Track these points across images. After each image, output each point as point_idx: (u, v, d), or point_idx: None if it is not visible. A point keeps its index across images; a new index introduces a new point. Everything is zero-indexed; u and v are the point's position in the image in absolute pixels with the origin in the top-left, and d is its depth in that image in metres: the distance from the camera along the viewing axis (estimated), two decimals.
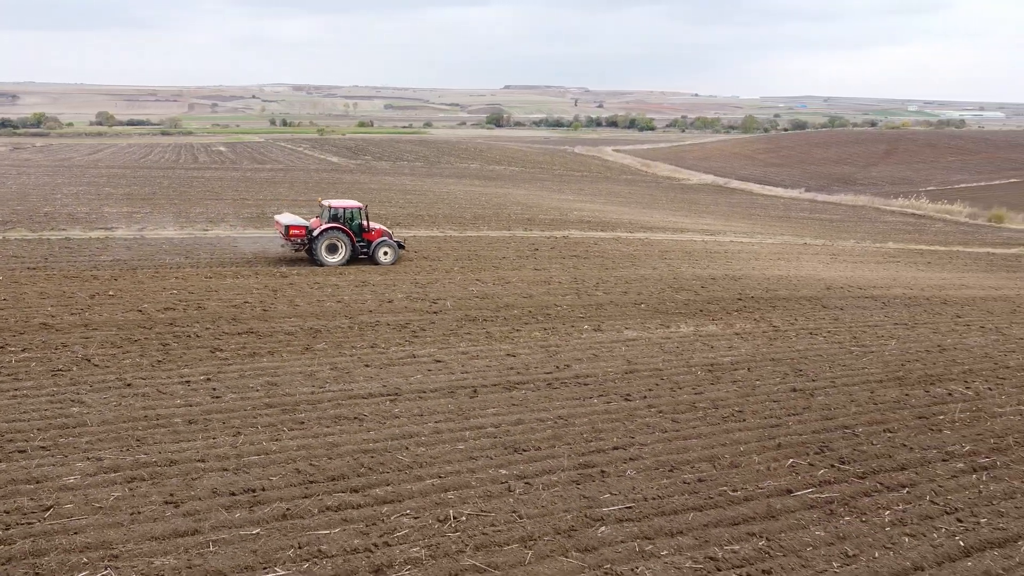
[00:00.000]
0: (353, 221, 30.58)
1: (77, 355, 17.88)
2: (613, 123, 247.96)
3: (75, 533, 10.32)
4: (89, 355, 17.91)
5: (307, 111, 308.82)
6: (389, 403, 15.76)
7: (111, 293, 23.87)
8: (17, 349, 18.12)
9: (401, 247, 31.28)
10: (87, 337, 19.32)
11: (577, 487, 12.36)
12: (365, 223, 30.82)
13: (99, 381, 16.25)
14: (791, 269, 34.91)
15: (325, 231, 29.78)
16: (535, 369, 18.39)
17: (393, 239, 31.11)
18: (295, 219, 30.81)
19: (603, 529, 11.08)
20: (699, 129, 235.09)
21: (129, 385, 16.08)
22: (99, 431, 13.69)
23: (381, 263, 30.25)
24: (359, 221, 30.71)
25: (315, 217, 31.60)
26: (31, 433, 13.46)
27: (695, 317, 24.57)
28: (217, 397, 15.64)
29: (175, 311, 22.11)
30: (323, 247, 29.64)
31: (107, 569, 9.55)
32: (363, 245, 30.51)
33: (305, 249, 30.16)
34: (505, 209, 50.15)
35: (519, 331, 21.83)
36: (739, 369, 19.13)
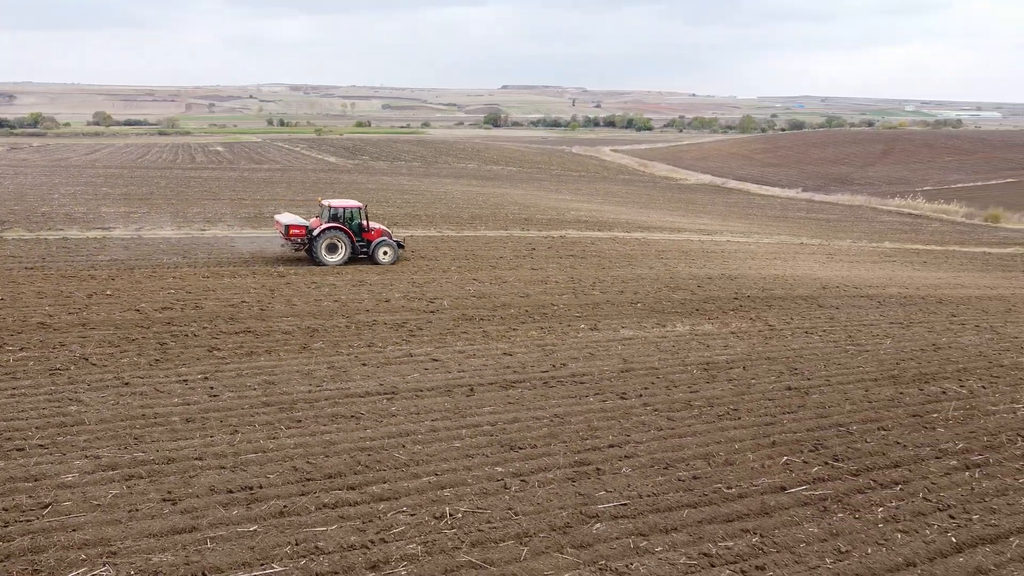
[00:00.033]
0: (353, 221, 30.66)
1: (75, 354, 17.93)
2: (611, 123, 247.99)
3: (73, 530, 10.38)
4: (87, 354, 17.96)
5: (304, 111, 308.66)
6: (386, 402, 15.83)
7: (108, 293, 23.92)
8: (15, 348, 18.17)
9: (401, 247, 31.36)
10: (85, 336, 19.37)
11: (572, 484, 12.43)
12: (365, 223, 30.90)
13: (97, 380, 16.30)
14: (787, 268, 35.01)
15: (325, 231, 29.85)
16: (531, 368, 18.47)
17: (393, 239, 31.20)
18: (295, 219, 30.89)
19: (598, 526, 11.16)
20: (697, 129, 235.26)
21: (127, 384, 16.14)
22: (97, 429, 13.75)
23: (381, 263, 30.33)
24: (359, 221, 30.79)
25: (315, 217, 31.69)
26: (29, 431, 13.52)
27: (691, 316, 24.66)
28: (215, 396, 15.70)
29: (172, 310, 22.16)
30: (323, 247, 29.72)
31: (105, 566, 9.61)
32: (363, 245, 30.60)
33: (305, 249, 30.23)
34: (502, 209, 50.22)
35: (516, 330, 21.91)
36: (734, 368, 19.22)
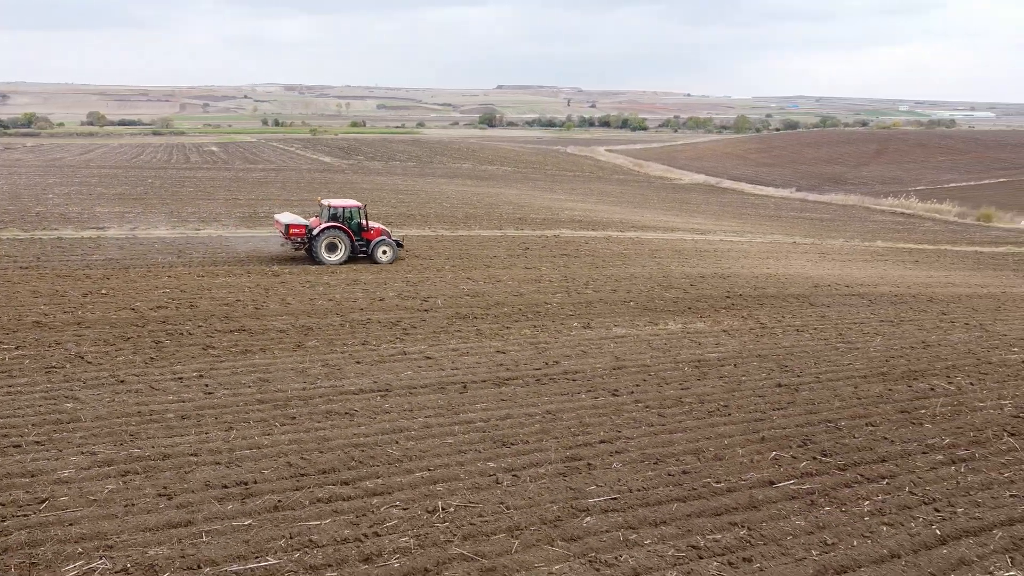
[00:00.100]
0: (352, 220, 30.88)
1: (70, 352, 18.04)
2: (606, 123, 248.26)
3: (70, 524, 10.51)
4: (82, 352, 18.07)
5: (299, 111, 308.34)
6: (380, 399, 15.97)
7: (104, 292, 24.01)
8: (11, 347, 18.27)
9: (400, 246, 31.58)
10: (80, 335, 19.48)
11: (564, 479, 12.59)
12: (364, 222, 31.13)
13: (92, 378, 16.42)
14: (780, 267, 35.23)
15: (325, 230, 30.06)
16: (524, 365, 18.63)
17: (392, 238, 31.41)
18: (295, 218, 31.12)
19: (588, 519, 11.32)
20: (691, 129, 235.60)
21: (122, 382, 16.25)
22: (93, 426, 13.87)
23: (380, 262, 30.53)
24: (358, 220, 31.01)
25: (314, 216, 31.87)
26: (25, 428, 13.64)
27: (683, 315, 24.84)
28: (209, 393, 15.83)
29: (168, 309, 22.27)
30: (323, 246, 29.92)
31: (102, 559, 9.74)
32: (362, 244, 30.81)
33: (305, 248, 30.42)
34: (497, 209, 50.38)
35: (509, 328, 22.07)
36: (725, 365, 19.40)
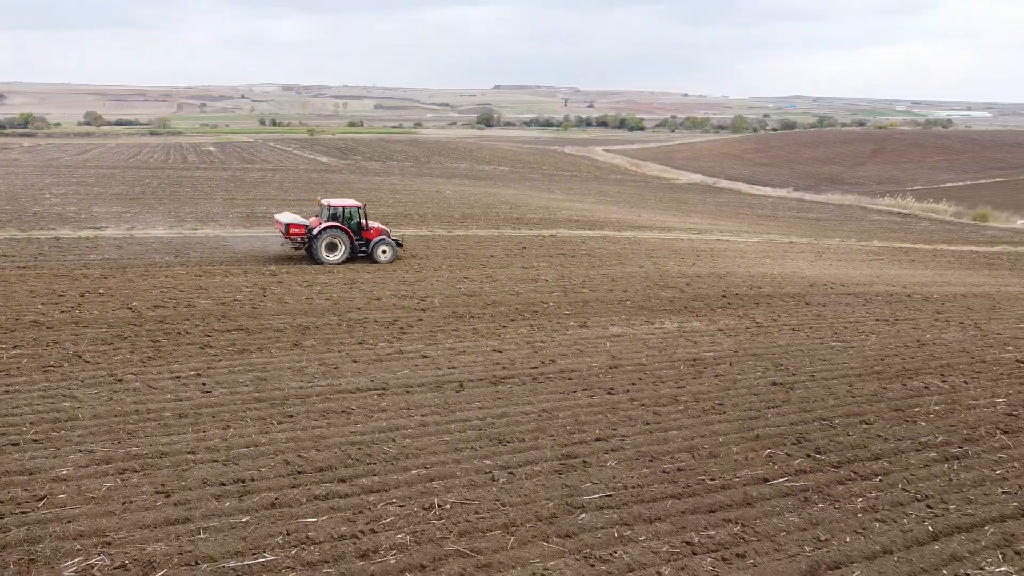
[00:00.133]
0: (352, 220, 31.03)
1: (68, 352, 18.09)
2: (603, 123, 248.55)
3: (68, 521, 10.58)
4: (80, 351, 18.12)
5: (297, 111, 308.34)
6: (376, 397, 16.05)
7: (101, 291, 24.06)
8: (8, 346, 18.32)
9: (399, 245, 31.71)
10: (78, 334, 19.53)
11: (559, 476, 12.68)
12: (364, 222, 31.28)
13: (90, 377, 16.47)
14: (776, 267, 35.33)
15: (324, 230, 30.20)
16: (521, 364, 18.71)
17: (391, 237, 31.55)
18: (295, 218, 31.29)
19: (583, 516, 11.41)
20: (689, 129, 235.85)
21: (120, 381, 16.31)
22: (91, 425, 13.94)
23: (380, 261, 30.68)
24: (358, 220, 31.16)
25: (314, 216, 31.98)
26: (23, 427, 13.69)
27: (680, 314, 24.93)
28: (207, 392, 15.90)
29: (165, 309, 22.33)
30: (323, 245, 30.06)
31: (100, 555, 9.81)
32: (362, 244, 30.96)
33: (305, 248, 30.55)
34: (494, 208, 50.46)
35: (506, 327, 22.15)
36: (721, 364, 19.49)
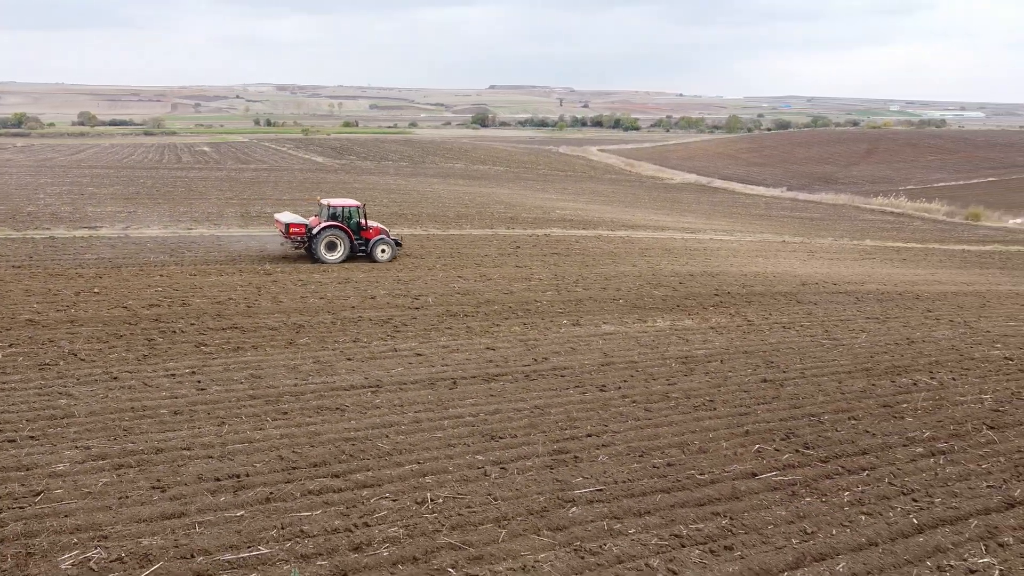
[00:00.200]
0: (351, 219, 31.28)
1: (63, 350, 18.20)
2: (598, 123, 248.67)
3: (65, 516, 10.70)
4: (75, 350, 18.23)
5: (291, 111, 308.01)
6: (370, 394, 16.19)
7: (96, 290, 24.15)
8: (4, 344, 18.42)
9: (398, 244, 31.92)
10: (73, 333, 19.63)
11: (551, 471, 12.84)
12: (363, 221, 31.50)
13: (86, 374, 16.59)
14: (768, 266, 35.55)
15: (324, 229, 30.42)
16: (514, 362, 18.86)
17: (390, 237, 31.77)
18: (295, 217, 31.56)
19: (574, 510, 11.57)
20: (683, 129, 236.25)
21: (115, 378, 16.43)
22: (87, 422, 14.06)
23: (379, 260, 30.93)
24: (357, 219, 31.39)
25: (313, 215, 32.18)
26: (20, 424, 13.81)
27: (672, 312, 25.12)
28: (202, 389, 16.02)
29: (160, 307, 22.43)
30: (322, 245, 30.30)
31: (97, 549, 9.94)
32: (361, 243, 31.17)
33: (304, 247, 30.73)
34: (488, 208, 50.61)
35: (499, 326, 22.30)
36: (712, 361, 19.67)
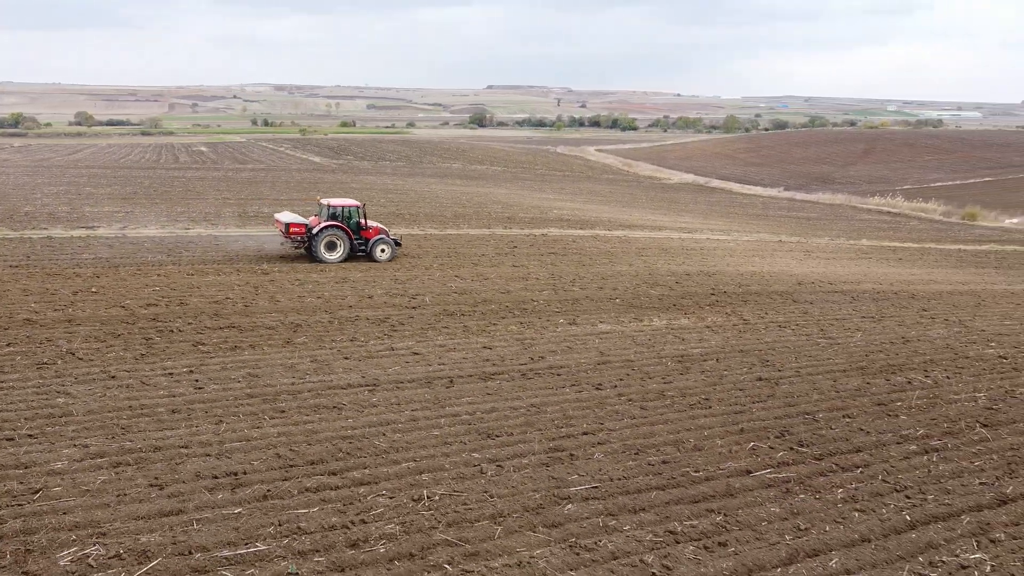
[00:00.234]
0: (351, 219, 31.41)
1: (61, 349, 18.24)
2: (596, 123, 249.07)
3: (64, 513, 10.77)
4: (73, 349, 18.28)
5: (289, 111, 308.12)
6: (367, 393, 16.26)
7: (94, 290, 24.20)
8: (2, 344, 18.47)
9: (398, 244, 32.04)
10: (71, 332, 19.68)
11: (547, 469, 12.91)
12: (363, 221, 31.61)
13: (84, 373, 16.64)
14: (765, 265, 35.65)
15: (324, 229, 30.55)
16: (510, 361, 18.94)
17: (390, 236, 31.89)
18: (295, 217, 31.71)
19: (569, 507, 11.65)
20: (681, 129, 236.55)
21: (113, 377, 16.49)
22: (85, 420, 14.12)
23: (378, 260, 31.05)
24: (357, 219, 31.51)
25: (313, 215, 32.29)
26: (18, 422, 13.86)
27: (668, 311, 25.21)
28: (200, 388, 16.08)
29: (158, 307, 22.49)
30: (322, 244, 30.43)
31: (95, 545, 10.00)
32: (361, 243, 31.29)
33: (304, 247, 30.83)
34: (486, 208, 50.69)
35: (496, 325, 22.38)
36: (708, 360, 19.76)
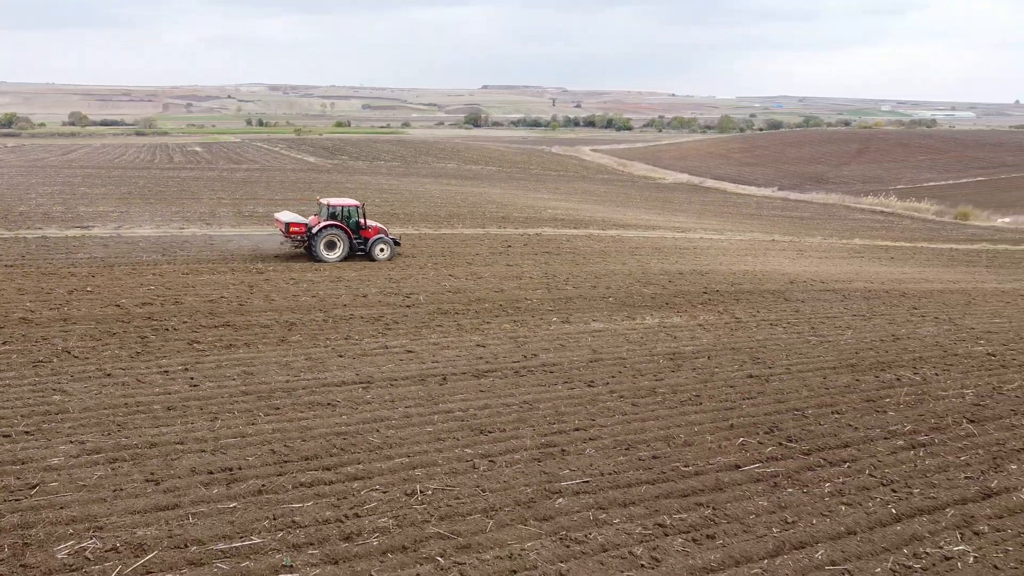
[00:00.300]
0: (350, 219, 31.61)
1: (57, 347, 18.35)
2: (591, 123, 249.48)
3: (61, 508, 10.90)
4: (69, 347, 18.38)
5: (284, 111, 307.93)
6: (361, 390, 16.40)
7: (89, 289, 24.29)
8: None
9: (397, 244, 32.21)
10: (66, 331, 19.78)
11: (538, 464, 13.08)
12: (362, 221, 31.79)
13: (79, 371, 16.76)
14: (757, 264, 35.86)
15: (324, 228, 30.75)
16: (503, 358, 19.10)
17: (389, 236, 32.10)
18: (295, 217, 31.93)
19: (561, 501, 11.81)
20: (676, 129, 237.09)
21: (109, 375, 16.61)
22: (81, 417, 14.24)
23: (377, 259, 31.29)
24: (356, 219, 31.69)
25: (313, 215, 32.43)
26: (15, 419, 13.98)
27: (661, 310, 25.39)
28: (195, 386, 16.21)
29: (153, 306, 22.60)
30: (322, 244, 30.63)
31: (92, 539, 10.14)
32: (360, 242, 31.50)
33: (304, 246, 30.98)
34: (480, 208, 50.84)
35: (489, 323, 22.53)
36: (699, 357, 19.94)
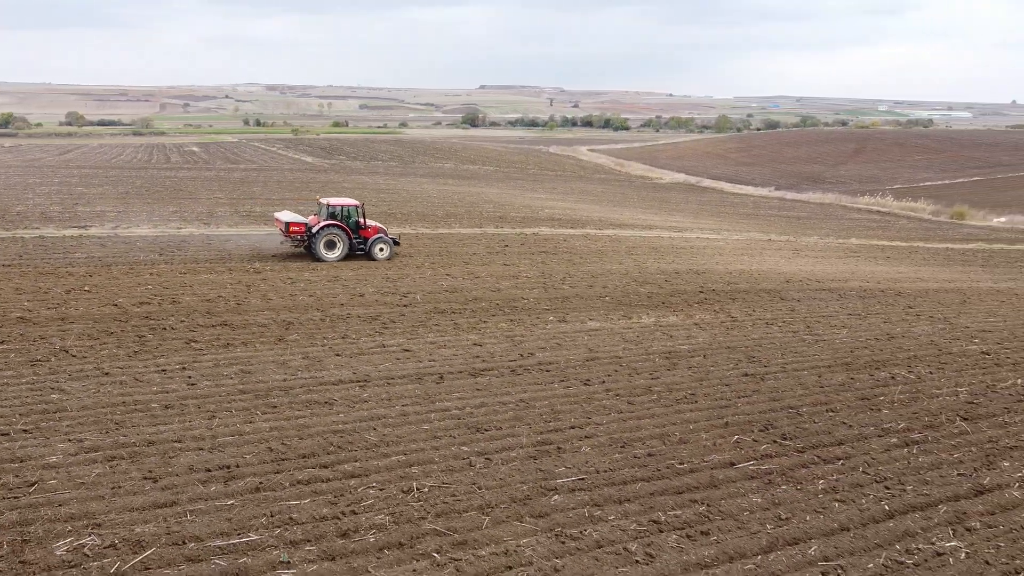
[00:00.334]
0: (350, 219, 31.73)
1: (55, 347, 18.40)
2: (588, 123, 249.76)
3: (59, 505, 10.96)
4: (67, 346, 18.44)
5: (281, 111, 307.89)
6: (358, 389, 16.48)
7: (87, 288, 24.34)
8: None
9: (396, 243, 32.31)
10: (64, 330, 19.84)
11: (534, 462, 13.16)
12: (362, 220, 31.91)
13: (77, 370, 16.81)
14: (753, 264, 35.98)
15: (323, 228, 30.87)
16: (500, 357, 19.18)
17: (388, 235, 32.19)
18: (295, 216, 32.08)
19: (556, 498, 11.90)
20: (673, 129, 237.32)
21: (107, 374, 16.66)
22: (79, 415, 14.29)
23: (377, 259, 31.41)
24: (356, 219, 31.80)
25: (313, 214, 32.51)
26: (13, 418, 14.03)
27: (657, 309, 25.48)
28: (192, 384, 16.27)
29: (150, 305, 22.65)
30: (322, 243, 30.76)
31: (90, 536, 10.20)
32: (359, 242, 31.61)
33: (304, 246, 31.09)
34: (477, 207, 50.92)
35: (486, 322, 22.61)
36: (695, 356, 20.04)
